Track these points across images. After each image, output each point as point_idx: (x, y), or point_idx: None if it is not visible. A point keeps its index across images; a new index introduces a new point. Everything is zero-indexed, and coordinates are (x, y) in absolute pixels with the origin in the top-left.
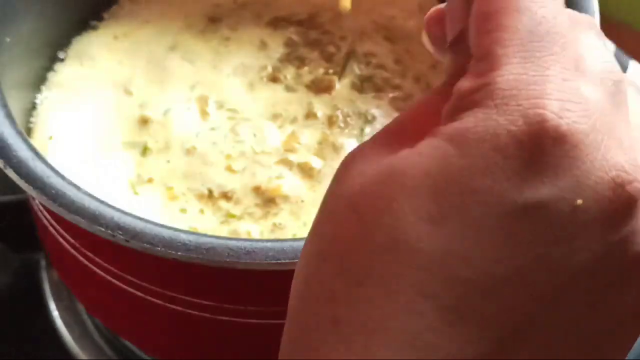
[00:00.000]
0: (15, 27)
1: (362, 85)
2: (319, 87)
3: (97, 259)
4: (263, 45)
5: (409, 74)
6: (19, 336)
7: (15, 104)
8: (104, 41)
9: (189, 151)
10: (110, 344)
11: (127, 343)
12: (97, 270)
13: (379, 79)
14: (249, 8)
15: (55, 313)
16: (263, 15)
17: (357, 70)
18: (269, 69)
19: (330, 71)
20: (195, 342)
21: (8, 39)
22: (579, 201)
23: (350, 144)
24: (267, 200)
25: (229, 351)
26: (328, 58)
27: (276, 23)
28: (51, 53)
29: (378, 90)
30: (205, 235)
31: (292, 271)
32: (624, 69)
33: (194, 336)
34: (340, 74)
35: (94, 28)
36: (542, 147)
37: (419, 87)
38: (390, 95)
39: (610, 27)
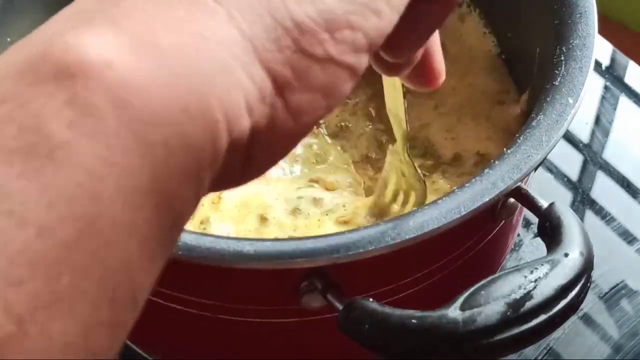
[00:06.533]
0: (17, 27)
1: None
2: None
3: None
4: None
5: None
6: None
7: None
8: None
9: None
10: None
11: (127, 342)
12: None
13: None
14: None
15: None
16: None
17: None
18: None
19: None
20: (195, 341)
21: (9, 39)
22: None
23: None
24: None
25: (229, 351)
26: None
27: None
28: None
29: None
30: (205, 235)
31: (293, 271)
32: (623, 69)
33: (194, 336)
34: None
35: None
36: None
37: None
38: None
39: (610, 27)
